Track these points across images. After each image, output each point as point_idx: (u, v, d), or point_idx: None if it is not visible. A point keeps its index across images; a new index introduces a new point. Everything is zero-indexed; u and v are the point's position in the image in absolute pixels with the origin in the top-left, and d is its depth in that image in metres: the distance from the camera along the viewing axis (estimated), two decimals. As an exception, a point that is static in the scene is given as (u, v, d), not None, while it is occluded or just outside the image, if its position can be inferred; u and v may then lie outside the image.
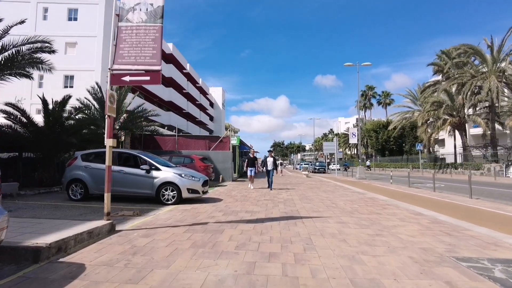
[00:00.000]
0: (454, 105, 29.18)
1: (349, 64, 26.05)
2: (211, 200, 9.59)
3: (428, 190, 15.09)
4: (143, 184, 8.69)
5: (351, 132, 27.26)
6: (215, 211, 7.51)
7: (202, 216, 6.83)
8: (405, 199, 10.86)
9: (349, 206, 8.86)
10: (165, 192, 8.63)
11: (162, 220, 6.35)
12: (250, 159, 14.69)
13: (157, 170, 8.76)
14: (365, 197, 11.29)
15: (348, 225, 6.07)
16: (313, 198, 10.71)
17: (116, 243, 4.55)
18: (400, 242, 4.83)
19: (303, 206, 8.69)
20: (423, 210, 8.16)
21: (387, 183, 19.36)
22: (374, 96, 71.45)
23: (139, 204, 8.71)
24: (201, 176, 9.34)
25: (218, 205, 8.51)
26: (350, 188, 14.92)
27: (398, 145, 53.04)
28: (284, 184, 17.15)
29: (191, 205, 8.50)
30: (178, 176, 8.68)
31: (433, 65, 36.67)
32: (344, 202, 9.72)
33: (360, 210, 8.13)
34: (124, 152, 9.41)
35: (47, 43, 11.51)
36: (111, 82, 5.60)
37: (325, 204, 9.21)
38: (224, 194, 11.35)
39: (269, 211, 7.64)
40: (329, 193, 12.37)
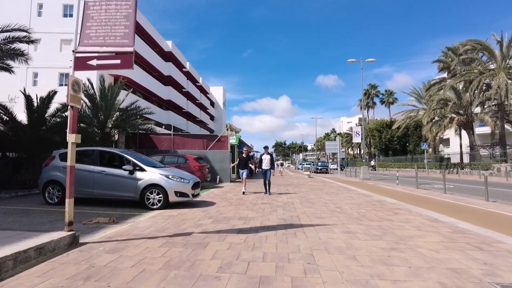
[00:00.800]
0: (461, 103, 28.14)
1: (353, 61, 25.11)
2: (203, 204, 8.71)
3: (438, 191, 14.15)
4: (126, 186, 7.82)
5: (355, 131, 26.30)
6: (204, 218, 6.62)
7: (187, 224, 5.94)
8: (416, 202, 9.94)
9: (355, 210, 7.95)
10: (150, 195, 7.75)
11: (140, 229, 5.47)
12: (242, 159, 12.36)
13: (142, 171, 7.88)
14: (372, 200, 10.38)
15: (356, 236, 5.17)
16: (316, 201, 9.81)
17: (72, 262, 3.68)
18: (423, 260, 3.93)
19: (304, 211, 7.79)
20: (439, 216, 7.25)
21: (393, 184, 18.43)
22: (377, 95, 70.38)
23: (122, 208, 7.85)
24: (191, 177, 8.46)
25: (209, 210, 7.62)
26: (355, 190, 14.00)
27: (402, 144, 51.99)
28: (285, 186, 16.25)
29: (179, 210, 7.61)
30: (164, 178, 7.80)
31: (438, 62, 35.62)
32: (350, 206, 8.81)
33: (369, 215, 7.23)
34: (107, 151, 8.54)
35: (24, 32, 10.61)
36: (75, 67, 4.73)
37: (328, 208, 8.31)
38: (219, 197, 10.46)
39: (265, 218, 6.74)
40: (332, 196, 11.46)
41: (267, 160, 11.98)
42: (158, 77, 37.68)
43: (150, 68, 35.49)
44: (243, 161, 12.27)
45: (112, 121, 17.02)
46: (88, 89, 16.63)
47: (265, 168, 11.94)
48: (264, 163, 12.00)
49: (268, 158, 12.01)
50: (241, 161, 12.32)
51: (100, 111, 16.46)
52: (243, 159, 12.30)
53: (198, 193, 8.82)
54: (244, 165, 12.22)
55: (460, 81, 28.24)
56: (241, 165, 12.27)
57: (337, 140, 33.99)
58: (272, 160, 12.15)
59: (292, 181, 20.30)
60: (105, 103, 16.22)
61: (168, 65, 39.21)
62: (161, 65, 37.63)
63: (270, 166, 11.99)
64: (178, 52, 42.38)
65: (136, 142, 20.93)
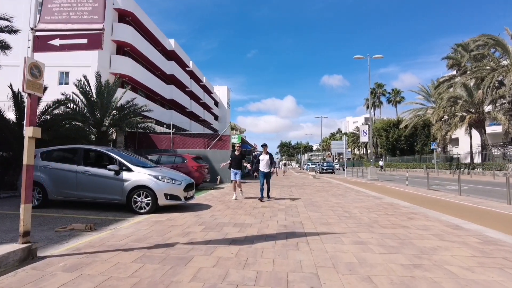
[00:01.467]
0: (473, 101, 27.07)
1: (359, 57, 24.22)
2: (197, 208, 7.95)
3: (452, 193, 13.27)
4: (111, 188, 7.10)
5: (362, 129, 25.39)
6: (194, 224, 5.86)
7: (174, 232, 5.19)
8: (431, 205, 9.09)
9: (366, 215, 7.14)
10: (138, 198, 7.02)
11: (118, 238, 4.73)
12: (235, 158, 9.90)
13: (129, 171, 7.15)
14: (382, 202, 9.55)
15: (370, 248, 4.38)
16: (321, 204, 9.00)
17: (14, 286, 2.94)
18: (457, 283, 3.13)
19: (308, 215, 7.00)
20: (460, 222, 6.41)
21: (402, 185, 17.54)
22: (383, 94, 69.16)
23: (107, 212, 7.13)
24: (183, 178, 7.70)
25: (202, 215, 6.86)
26: (363, 192, 13.15)
27: (409, 144, 50.86)
28: (288, 187, 15.44)
29: (169, 214, 6.86)
30: (153, 179, 7.06)
31: (447, 59, 34.49)
32: (359, 209, 8.00)
33: (381, 221, 6.41)
34: (92, 149, 7.82)
35: (5, 20, 9.95)
36: (35, 47, 4.04)
37: (336, 212, 7.50)
38: (216, 200, 9.70)
39: (264, 224, 5.96)
40: (339, 198, 10.64)
41: (265, 161, 9.78)
42: (160, 76, 37.12)
43: (152, 67, 34.94)
44: (235, 160, 9.83)
45: (109, 120, 16.38)
46: (84, 86, 16.00)
47: (264, 171, 9.79)
48: (262, 164, 9.83)
49: (267, 159, 9.81)
50: (233, 160, 9.86)
51: (96, 109, 15.82)
52: (235, 158, 9.86)
53: (192, 195, 8.07)
54: (236, 165, 9.84)
55: (472, 78, 27.18)
56: (233, 164, 9.85)
57: (343, 140, 33.06)
58: (272, 161, 10.00)
59: (297, 182, 19.49)
60: (101, 100, 15.58)
61: (170, 64, 38.60)
62: (164, 64, 37.07)
63: (269, 169, 9.90)
64: (181, 51, 41.78)
65: (135, 141, 20.31)
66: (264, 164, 9.86)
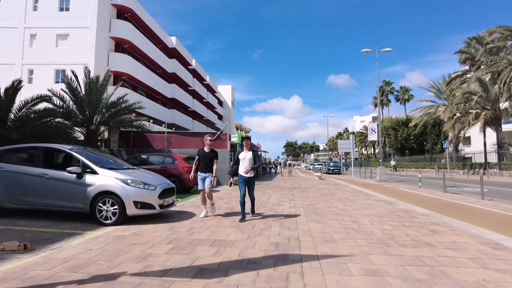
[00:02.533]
0: (489, 96, 25.46)
1: (367, 50, 22.84)
2: (177, 217, 6.75)
3: (472, 196, 11.91)
4: (72, 194, 5.95)
5: (370, 128, 23.99)
6: (162, 242, 4.67)
7: (129, 255, 4.00)
8: (453, 213, 7.78)
9: (378, 227, 5.88)
10: (103, 206, 5.85)
11: (49, 265, 3.56)
12: (202, 156, 6.90)
13: (93, 174, 5.99)
14: (396, 209, 8.26)
15: (388, 282, 3.14)
16: (325, 211, 7.75)
17: None
18: None
19: (308, 228, 5.76)
20: (498, 237, 5.12)
21: (414, 187, 16.16)
22: (391, 92, 67.39)
23: (69, 223, 5.98)
24: (160, 182, 6.49)
25: (178, 228, 5.67)
26: (373, 195, 11.85)
27: (419, 143, 49.14)
28: (290, 189, 14.19)
29: (139, 226, 5.69)
30: (120, 183, 5.88)
31: (460, 53, 32.82)
32: (370, 219, 6.74)
33: (398, 236, 5.16)
34: (53, 148, 6.64)
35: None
36: None
37: (342, 223, 6.25)
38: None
39: (251, 241, 4.75)
40: (346, 203, 9.37)
41: (247, 161, 6.57)
42: (161, 75, 36.14)
43: (153, 65, 33.97)
44: (204, 159, 6.82)
45: (98, 118, 15.33)
46: (72, 82, 14.99)
47: (244, 176, 6.58)
48: (243, 166, 6.61)
49: (249, 158, 6.59)
50: (201, 159, 6.86)
51: (85, 106, 14.78)
52: (204, 157, 6.84)
53: (172, 202, 6.86)
54: (206, 166, 6.81)
55: (487, 72, 25.57)
56: (201, 165, 6.85)
57: (350, 139, 31.66)
58: (257, 161, 6.78)
59: (300, 184, 18.22)
60: (89, 97, 14.52)
61: (172, 62, 37.59)
62: (165, 62, 36.06)
63: (254, 173, 6.77)
64: (183, 49, 40.77)
65: (129, 140, 19.28)
66: (245, 165, 6.56)
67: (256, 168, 6.76)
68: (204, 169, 6.87)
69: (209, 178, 6.80)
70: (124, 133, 19.60)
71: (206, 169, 6.85)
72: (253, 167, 6.65)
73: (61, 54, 26.31)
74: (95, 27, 26.53)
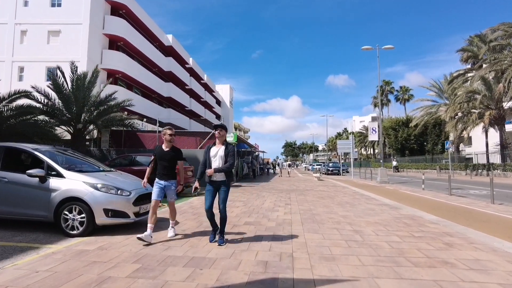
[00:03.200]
0: (492, 95, 24.75)
1: (368, 48, 22.10)
2: (156, 226, 5.98)
3: (480, 200, 11.20)
4: (33, 200, 5.19)
5: (371, 127, 23.25)
6: (129, 260, 3.91)
7: (82, 280, 3.24)
8: (466, 220, 7.05)
9: (384, 238, 5.14)
10: (69, 214, 5.10)
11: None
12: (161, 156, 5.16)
13: (59, 177, 5.24)
14: (401, 215, 7.52)
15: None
16: (324, 218, 7.00)
17: None
18: None
19: (304, 240, 5.01)
20: (525, 252, 4.39)
21: (417, 189, 15.44)
22: (391, 91, 66.74)
23: (32, 233, 5.22)
24: (136, 186, 5.69)
25: (153, 240, 4.90)
26: (375, 198, 11.11)
27: (419, 144, 48.47)
28: (287, 192, 13.44)
29: (109, 238, 4.93)
30: (89, 188, 5.13)
31: (462, 52, 32.13)
32: (374, 228, 5.99)
33: (408, 251, 4.42)
34: (15, 147, 5.85)
35: None
36: None
37: (343, 233, 5.50)
38: (190, 213, 7.67)
39: (235, 260, 3.99)
40: (347, 208, 8.62)
41: (217, 160, 4.79)
42: (157, 73, 35.38)
43: (148, 63, 33.20)
44: (163, 161, 5.10)
45: (86, 116, 14.55)
46: (58, 78, 14.23)
47: (214, 181, 4.80)
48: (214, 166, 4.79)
49: (221, 156, 4.79)
50: (158, 161, 5.13)
51: (71, 104, 14.00)
52: (162, 158, 5.11)
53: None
54: (165, 170, 5.09)
55: (491, 71, 24.85)
56: (159, 170, 5.11)
57: (350, 139, 30.92)
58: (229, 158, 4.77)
59: (299, 185, 17.47)
60: (75, 94, 13.74)
61: (168, 60, 36.79)
62: (161, 60, 35.28)
63: (222, 174, 4.80)
64: (179, 47, 39.99)
65: (121, 140, 18.55)
66: (215, 166, 4.75)
67: (225, 169, 4.71)
68: (163, 175, 5.00)
69: (172, 188, 5.06)
70: (115, 132, 18.87)
71: (166, 174, 5.01)
72: (222, 168, 4.68)
73: (53, 51, 25.51)
74: (88, 23, 25.74)
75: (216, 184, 4.82)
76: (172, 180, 5.11)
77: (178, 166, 5.25)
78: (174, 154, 5.18)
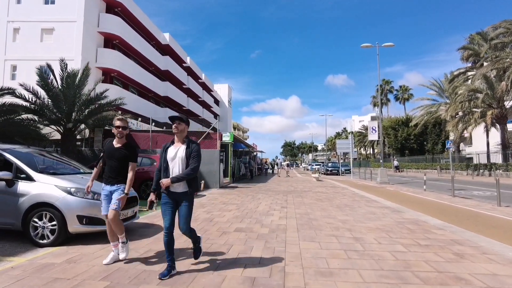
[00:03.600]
0: (495, 94, 24.29)
1: (367, 45, 21.63)
2: (138, 233, 5.49)
3: (484, 202, 10.75)
4: (0, 206, 4.69)
5: (371, 126, 22.78)
6: (96, 276, 3.42)
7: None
8: (473, 225, 6.56)
9: (387, 248, 4.66)
10: (39, 222, 4.60)
11: None
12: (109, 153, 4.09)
13: (29, 180, 4.75)
14: (404, 219, 7.03)
15: None
16: (322, 223, 6.51)
17: None
18: None
19: (299, 251, 4.52)
20: (546, 264, 3.90)
21: (419, 190, 14.98)
22: (391, 91, 66.29)
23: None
24: (115, 191, 5.22)
25: (132, 251, 4.39)
26: (376, 200, 10.62)
27: (419, 143, 48.03)
28: (284, 194, 12.96)
29: (82, 248, 4.43)
30: (61, 192, 4.63)
31: (463, 50, 31.64)
32: (376, 234, 5.50)
33: (415, 263, 3.93)
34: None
35: None
36: None
37: (342, 242, 5.01)
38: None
39: (218, 277, 3.50)
40: (347, 212, 8.13)
41: (177, 163, 3.54)
42: (154, 72, 34.84)
43: (145, 62, 32.68)
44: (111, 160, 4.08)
45: (77, 115, 14.04)
46: (46, 75, 13.73)
47: (173, 191, 3.53)
48: (172, 173, 3.54)
49: (181, 158, 3.53)
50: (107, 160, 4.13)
51: (60, 102, 13.49)
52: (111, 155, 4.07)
53: (133, 214, 5.56)
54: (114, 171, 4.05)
55: (493, 69, 24.39)
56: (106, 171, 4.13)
57: (349, 139, 30.46)
58: (192, 161, 3.53)
59: (297, 186, 16.98)
60: (64, 92, 13.24)
61: (165, 59, 36.26)
62: (158, 59, 34.74)
63: (183, 184, 3.55)
64: (177, 46, 39.45)
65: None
66: (174, 172, 3.54)
67: (186, 177, 3.47)
68: (110, 178, 3.99)
69: (117, 193, 3.93)
70: (109, 132, 18.33)
71: (114, 177, 3.99)
72: (182, 176, 3.45)
73: (46, 49, 24.96)
74: (82, 21, 25.22)
75: (176, 196, 3.54)
76: (120, 185, 4.00)
77: (130, 169, 4.06)
78: (126, 153, 4.04)
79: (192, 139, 3.80)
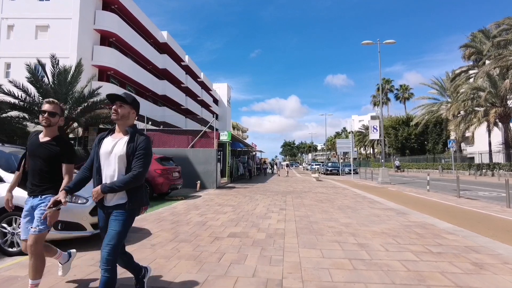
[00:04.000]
0: (498, 92, 23.84)
1: (368, 42, 21.14)
2: (130, 239, 5.05)
3: (492, 203, 10.31)
4: (-37, 211, 4.23)
5: (372, 125, 22.29)
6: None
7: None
8: (486, 229, 6.09)
9: (396, 256, 4.19)
10: (8, 227, 4.14)
11: None
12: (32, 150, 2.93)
13: (-2, 182, 4.27)
14: (410, 222, 6.57)
15: None
16: (323, 227, 6.05)
17: None
18: None
19: (298, 260, 4.06)
20: None
21: (422, 190, 14.52)
22: (391, 90, 65.80)
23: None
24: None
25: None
26: (379, 201, 10.16)
27: (420, 143, 47.56)
28: (284, 194, 12.49)
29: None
30: (31, 196, 4.16)
31: (465, 48, 31.18)
32: (382, 240, 5.04)
33: (430, 276, 3.47)
34: None
35: None
36: None
37: (345, 248, 4.55)
38: (169, 221, 6.68)
39: (206, 290, 3.05)
40: (349, 213, 7.67)
41: (113, 160, 2.45)
42: (152, 71, 34.37)
43: (142, 60, 32.21)
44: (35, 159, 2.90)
45: (68, 113, 13.57)
46: (37, 72, 13.26)
47: (106, 204, 2.49)
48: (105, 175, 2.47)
49: (120, 155, 2.44)
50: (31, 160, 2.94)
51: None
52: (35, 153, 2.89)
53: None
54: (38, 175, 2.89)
55: (496, 67, 23.93)
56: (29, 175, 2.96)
57: (350, 138, 30.00)
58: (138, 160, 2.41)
59: (296, 186, 16.52)
60: (55, 89, 12.78)
61: (163, 57, 35.78)
62: (156, 58, 34.26)
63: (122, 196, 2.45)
64: (175, 44, 38.95)
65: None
66: (109, 174, 2.47)
67: (125, 187, 2.40)
68: (34, 186, 2.90)
69: (41, 207, 2.81)
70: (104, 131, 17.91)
71: (38, 184, 2.89)
72: (119, 184, 2.38)
73: (41, 47, 24.47)
74: (77, 18, 24.74)
75: (110, 210, 2.47)
76: (47, 195, 2.84)
77: (66, 172, 2.90)
78: (59, 150, 2.89)
79: (139, 130, 2.60)
